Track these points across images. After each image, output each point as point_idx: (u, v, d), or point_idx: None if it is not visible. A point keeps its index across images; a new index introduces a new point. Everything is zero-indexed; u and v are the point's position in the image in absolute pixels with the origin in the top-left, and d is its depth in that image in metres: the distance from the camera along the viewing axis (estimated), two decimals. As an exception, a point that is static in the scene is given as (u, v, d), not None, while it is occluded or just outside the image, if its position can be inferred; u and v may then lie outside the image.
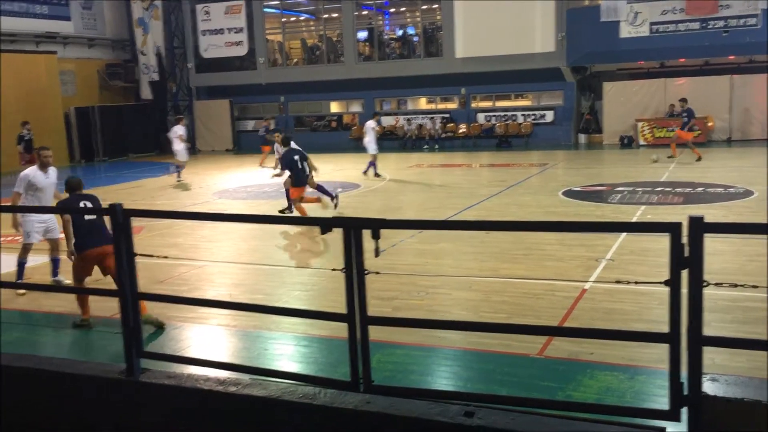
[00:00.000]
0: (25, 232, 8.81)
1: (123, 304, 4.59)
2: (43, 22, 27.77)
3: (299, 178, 12.74)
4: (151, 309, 6.94)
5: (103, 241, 6.98)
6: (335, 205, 13.10)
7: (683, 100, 20.54)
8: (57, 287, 8.65)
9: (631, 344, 5.87)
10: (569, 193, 14.81)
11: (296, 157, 12.76)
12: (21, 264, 8.80)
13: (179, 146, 20.17)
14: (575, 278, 8.22)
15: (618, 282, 5.95)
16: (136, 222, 4.67)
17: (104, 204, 4.66)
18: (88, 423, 4.69)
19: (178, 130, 20.42)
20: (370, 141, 18.99)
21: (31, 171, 8.69)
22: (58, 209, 8.06)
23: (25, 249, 8.85)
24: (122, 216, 4.53)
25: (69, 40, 29.12)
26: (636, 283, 4.98)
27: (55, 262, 8.91)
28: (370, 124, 19.37)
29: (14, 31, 26.60)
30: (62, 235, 8.16)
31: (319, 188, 13.35)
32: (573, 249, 9.63)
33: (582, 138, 26.60)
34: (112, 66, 31.10)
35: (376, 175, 19.09)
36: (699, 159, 18.90)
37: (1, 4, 25.58)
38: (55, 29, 28.31)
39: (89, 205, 7.47)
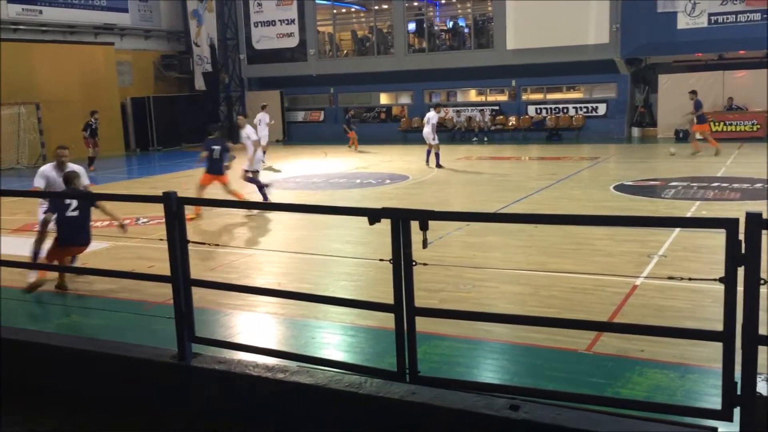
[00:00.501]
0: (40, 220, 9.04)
1: (175, 290, 4.70)
2: (101, 14, 28.50)
3: (213, 166, 13.17)
4: (202, 295, 7.08)
5: (81, 241, 7.56)
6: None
7: (693, 92, 20.26)
8: (112, 272, 8.87)
9: (683, 342, 5.74)
10: (621, 188, 14.54)
11: (216, 147, 13.15)
12: (36, 252, 8.79)
13: (264, 132, 21.11)
14: (626, 274, 8.08)
15: (671, 278, 5.83)
16: (188, 210, 4.77)
17: (158, 192, 4.77)
18: (141, 405, 4.82)
19: (264, 118, 21.59)
20: (429, 132, 19.29)
21: (48, 168, 8.97)
22: (46, 194, 8.46)
23: (41, 236, 8.85)
24: (176, 204, 4.63)
25: (126, 32, 29.81)
26: (689, 279, 4.86)
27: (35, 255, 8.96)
28: (431, 115, 19.66)
29: (74, 22, 27.37)
30: None
31: (253, 180, 13.97)
32: (624, 244, 9.46)
33: (635, 131, 26.06)
34: (167, 57, 31.73)
35: (438, 165, 19.35)
36: (717, 152, 18.91)
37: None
38: (113, 21, 29.04)
39: (75, 202, 7.77)
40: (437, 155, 19.51)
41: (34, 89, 25.03)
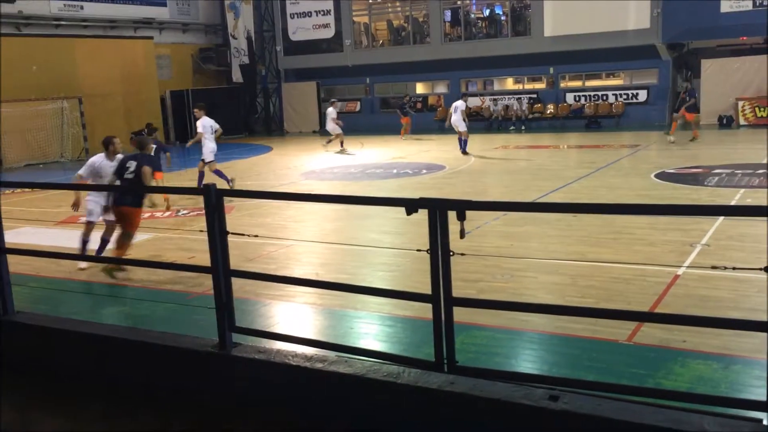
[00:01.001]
0: (87, 210, 9.32)
1: (216, 281, 4.77)
2: (141, 8, 28.93)
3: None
4: (241, 285, 7.17)
5: (133, 203, 8.54)
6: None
7: (688, 81, 20.33)
8: (155, 263, 9.04)
9: (726, 333, 5.64)
10: (662, 176, 14.29)
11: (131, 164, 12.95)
12: (84, 242, 9.20)
13: (331, 126, 22.85)
14: (667, 263, 7.95)
15: (714, 268, 5.71)
16: (227, 201, 4.83)
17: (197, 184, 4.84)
18: (182, 394, 4.91)
19: (332, 113, 22.86)
20: (458, 120, 19.62)
21: (99, 158, 9.27)
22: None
23: (88, 227, 9.33)
24: (215, 196, 4.69)
25: (165, 26, 30.21)
26: (733, 269, 4.75)
27: (103, 242, 9.18)
28: (459, 104, 20.00)
29: (114, 17, 27.83)
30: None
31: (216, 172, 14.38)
32: (665, 233, 9.30)
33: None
34: (205, 50, 32.07)
35: (464, 153, 19.66)
36: (693, 139, 19.27)
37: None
38: (152, 15, 29.43)
39: (132, 166, 8.65)
40: (465, 142, 19.76)
41: (77, 84, 25.54)
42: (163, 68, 30.09)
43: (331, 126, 23.04)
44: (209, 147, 14.77)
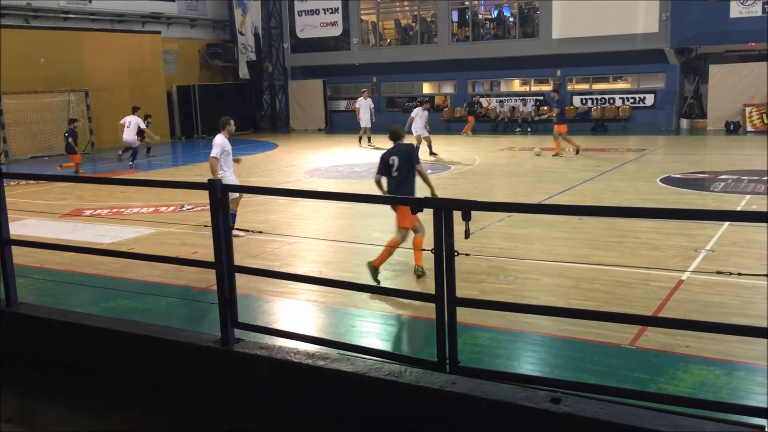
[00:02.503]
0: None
1: (219, 276, 4.76)
2: (149, 3, 28.94)
3: None
4: (244, 282, 7.18)
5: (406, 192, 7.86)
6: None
7: (555, 91, 20.19)
8: (159, 257, 9.06)
9: (730, 339, 5.62)
10: (668, 180, 14.26)
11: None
12: (233, 215, 10.04)
13: (365, 116, 23.45)
14: (672, 268, 7.92)
15: (719, 273, 5.69)
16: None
17: (204, 179, 4.84)
18: (184, 388, 4.91)
19: (363, 103, 23.55)
20: (420, 127, 19.84)
21: (222, 139, 10.44)
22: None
23: (234, 202, 10.34)
24: (221, 191, 4.69)
25: (172, 21, 30.22)
26: (738, 274, 4.73)
27: (232, 216, 9.98)
28: (419, 112, 20.21)
29: (123, 11, 27.85)
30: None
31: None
32: (670, 238, 9.28)
33: (684, 123, 25.48)
34: (212, 46, 32.07)
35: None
36: (577, 152, 18.91)
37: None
38: (160, 10, 29.45)
39: (396, 159, 8.05)
40: (420, 147, 18.70)
41: (84, 77, 25.57)
42: (170, 63, 30.11)
43: (366, 117, 23.27)
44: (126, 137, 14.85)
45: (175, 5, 30.14)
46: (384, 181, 8.17)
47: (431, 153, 19.81)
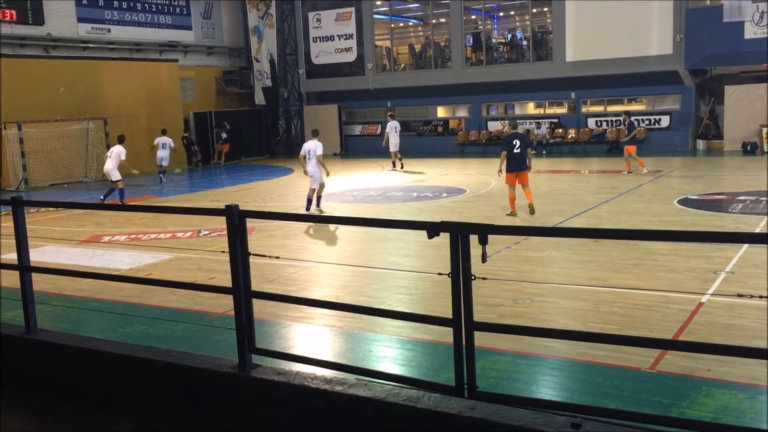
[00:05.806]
0: (312, 180, 14.73)
1: (237, 301, 4.78)
2: (166, 31, 29.43)
3: None
4: (261, 307, 7.19)
5: (522, 168, 13.22)
6: None
7: (627, 114, 20.56)
8: (176, 283, 9.11)
9: (752, 362, 5.52)
10: (685, 202, 14.16)
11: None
12: (309, 200, 14.70)
13: (394, 140, 23.69)
14: (691, 290, 7.84)
15: (740, 296, 5.62)
16: (249, 222, 4.85)
17: (220, 205, 4.87)
18: (202, 414, 4.90)
19: (392, 126, 23.76)
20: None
21: (311, 143, 14.78)
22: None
23: (312, 190, 14.75)
24: (238, 217, 4.72)
25: (189, 49, 30.66)
26: (760, 297, 4.68)
27: (318, 199, 14.93)
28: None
29: (141, 40, 28.31)
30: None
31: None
32: (689, 260, 9.20)
33: (700, 144, 25.38)
34: (228, 73, 32.47)
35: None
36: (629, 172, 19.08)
37: (124, 15, 27.50)
38: (177, 38, 29.91)
39: (518, 142, 13.19)
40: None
41: (102, 105, 25.94)
42: (187, 90, 30.48)
43: (395, 141, 23.70)
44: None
45: (192, 33, 30.61)
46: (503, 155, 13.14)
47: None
